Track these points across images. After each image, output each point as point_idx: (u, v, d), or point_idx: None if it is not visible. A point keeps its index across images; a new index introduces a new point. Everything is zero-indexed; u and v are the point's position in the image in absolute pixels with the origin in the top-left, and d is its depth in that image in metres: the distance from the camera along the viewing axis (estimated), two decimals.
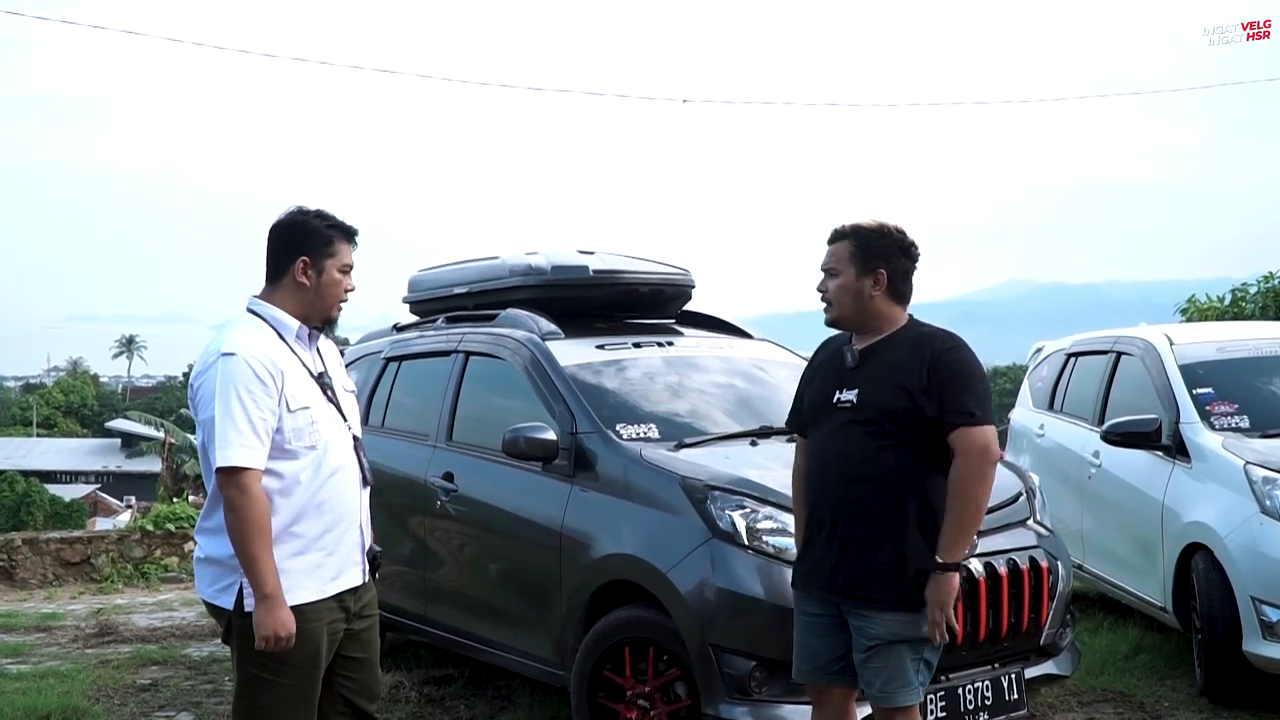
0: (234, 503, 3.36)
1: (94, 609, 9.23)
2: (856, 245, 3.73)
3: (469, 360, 6.22)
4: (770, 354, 6.43)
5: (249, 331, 3.53)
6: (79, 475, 63.15)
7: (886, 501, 3.60)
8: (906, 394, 3.59)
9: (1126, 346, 7.30)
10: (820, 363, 3.94)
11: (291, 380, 3.50)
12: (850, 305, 3.74)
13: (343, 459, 3.61)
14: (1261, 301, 12.44)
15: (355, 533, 3.66)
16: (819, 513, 3.76)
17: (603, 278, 6.32)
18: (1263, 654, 5.40)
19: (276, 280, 3.63)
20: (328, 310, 3.65)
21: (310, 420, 3.52)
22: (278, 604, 3.36)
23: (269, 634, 3.36)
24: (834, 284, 3.75)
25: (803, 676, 3.89)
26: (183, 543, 11.33)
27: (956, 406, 3.55)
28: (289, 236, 3.62)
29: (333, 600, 3.57)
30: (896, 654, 3.61)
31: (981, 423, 3.56)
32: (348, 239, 3.66)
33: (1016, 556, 4.73)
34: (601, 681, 4.83)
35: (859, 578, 3.62)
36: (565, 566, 5.16)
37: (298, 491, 3.49)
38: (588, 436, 5.24)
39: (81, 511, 44.04)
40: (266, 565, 3.36)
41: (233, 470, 3.35)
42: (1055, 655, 5.00)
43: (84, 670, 6.91)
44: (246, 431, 3.37)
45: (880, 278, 3.71)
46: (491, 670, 6.18)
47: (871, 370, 3.69)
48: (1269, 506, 5.48)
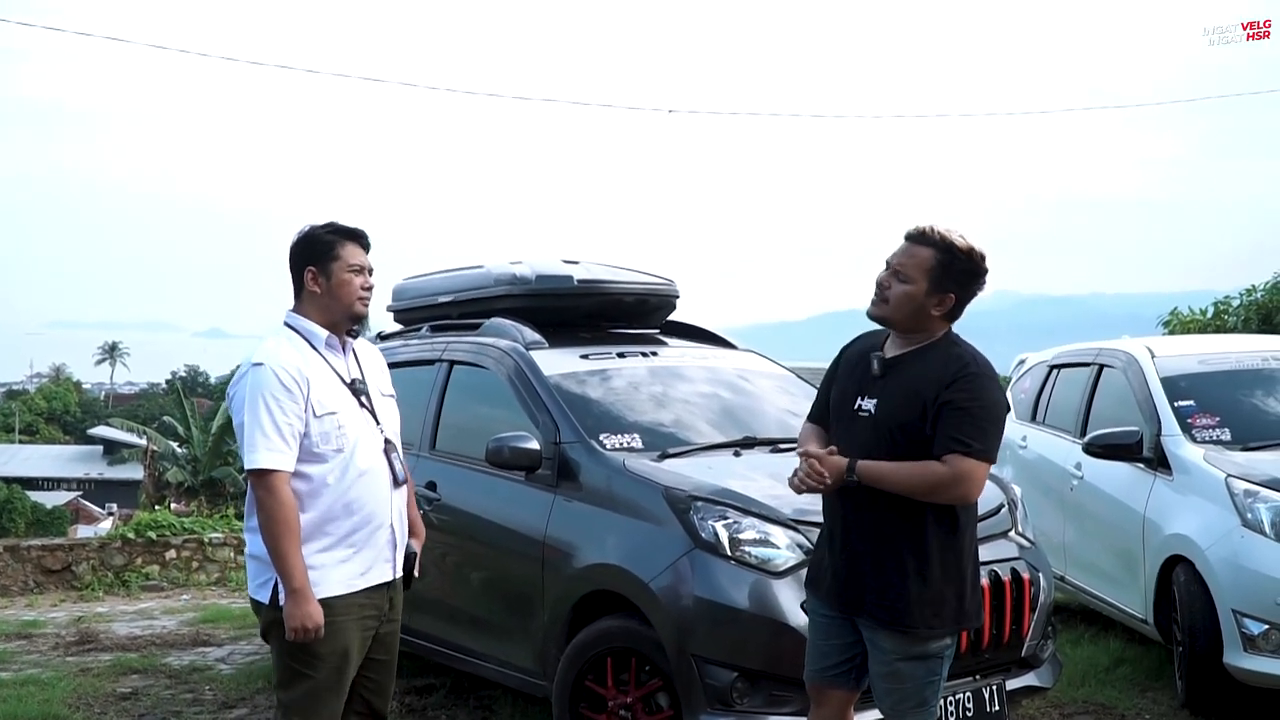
0: (263, 503, 3.59)
1: (75, 617, 9.17)
2: (939, 260, 3.49)
3: (453, 369, 6.21)
4: (754, 364, 6.44)
5: (280, 343, 3.75)
6: (61, 482, 62.85)
7: (895, 520, 3.49)
8: (919, 411, 3.45)
9: (1109, 359, 7.32)
10: (847, 361, 3.77)
11: (319, 387, 3.69)
12: (907, 314, 3.53)
13: (372, 461, 3.79)
14: (1244, 314, 12.48)
15: (386, 531, 3.83)
16: (830, 521, 3.70)
17: (587, 287, 6.33)
18: (1244, 666, 5.41)
19: (298, 294, 3.84)
20: (348, 309, 3.81)
21: (338, 425, 3.71)
22: (305, 597, 3.56)
23: (297, 625, 3.55)
24: (900, 288, 3.51)
25: (808, 675, 3.82)
26: (164, 551, 11.29)
27: (953, 433, 3.40)
28: (297, 252, 3.82)
29: (364, 598, 3.76)
30: (909, 673, 3.55)
31: (976, 455, 3.39)
32: (352, 240, 3.82)
33: (998, 568, 4.74)
34: (583, 692, 4.82)
35: (863, 593, 3.55)
36: (548, 576, 5.16)
37: (326, 492, 3.68)
38: (571, 446, 5.24)
39: (63, 519, 43.81)
40: (294, 561, 3.56)
41: (260, 472, 3.58)
42: (1037, 667, 5.00)
43: (64, 678, 6.88)
44: (273, 436, 3.59)
45: (948, 300, 3.51)
46: (473, 680, 6.17)
47: (894, 381, 3.54)
48: (1250, 519, 5.50)
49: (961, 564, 3.56)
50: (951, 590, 3.53)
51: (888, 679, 3.58)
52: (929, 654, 3.55)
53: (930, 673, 3.58)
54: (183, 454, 40.26)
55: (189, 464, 39.62)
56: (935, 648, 3.56)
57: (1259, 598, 5.38)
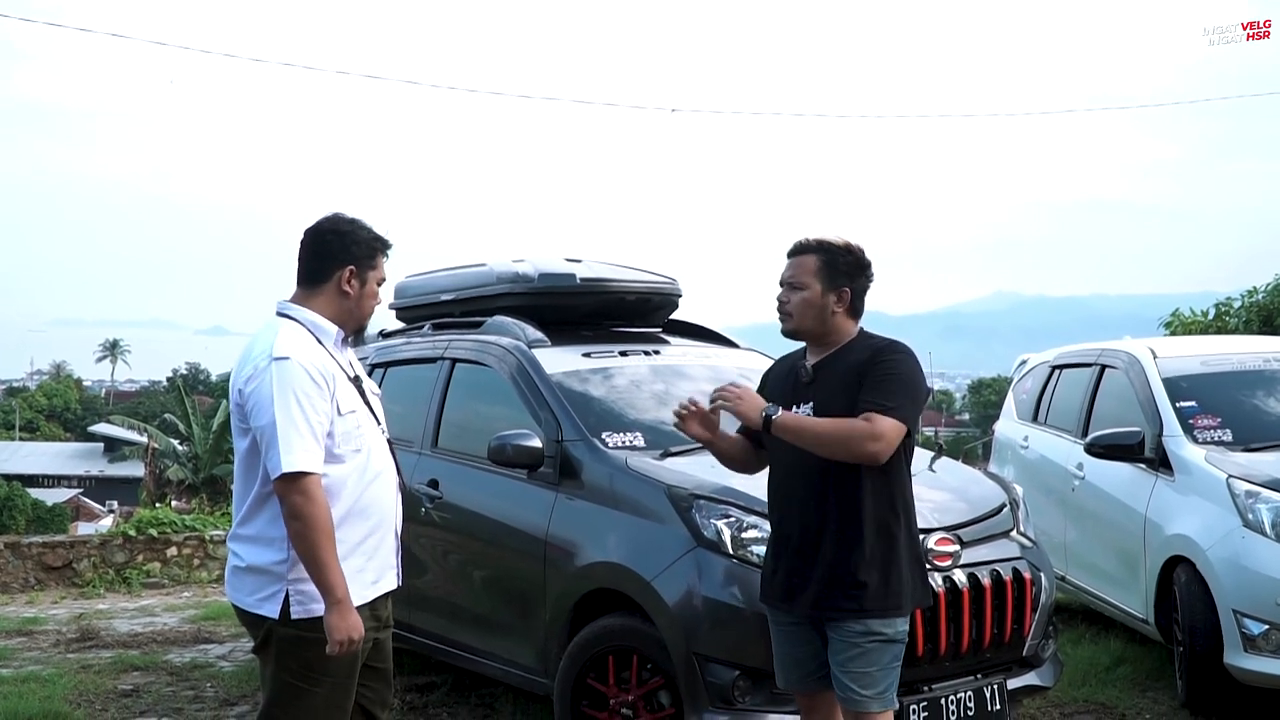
0: (300, 509, 3.30)
1: (75, 614, 9.19)
2: (823, 261, 3.77)
3: (455, 367, 6.22)
4: (756, 363, 6.44)
5: (296, 335, 3.50)
6: (61, 479, 62.82)
7: (847, 513, 3.65)
8: (855, 399, 3.64)
9: (1111, 359, 7.33)
10: (775, 379, 4.01)
11: (340, 384, 3.50)
12: (813, 319, 3.78)
13: (383, 463, 3.64)
14: (1245, 316, 12.48)
15: (392, 537, 3.68)
16: (784, 527, 3.82)
17: (590, 286, 6.33)
18: (1244, 667, 5.42)
19: (316, 285, 3.61)
20: (363, 320, 3.68)
21: (357, 424, 3.53)
22: (349, 608, 3.34)
23: (343, 638, 3.31)
24: (798, 297, 3.78)
25: (790, 685, 3.93)
26: (164, 548, 11.30)
27: (871, 395, 3.59)
28: (337, 244, 3.59)
29: (367, 608, 3.55)
30: (876, 657, 3.64)
31: (891, 415, 3.56)
32: (386, 252, 3.67)
33: (1000, 568, 4.75)
34: (585, 690, 4.83)
35: (827, 589, 3.66)
36: (549, 574, 5.16)
37: (343, 496, 3.47)
38: (573, 444, 5.24)
39: (64, 516, 43.79)
40: (336, 570, 3.33)
41: (297, 475, 3.30)
42: (1038, 666, 5.01)
43: (65, 675, 6.88)
44: (307, 435, 3.34)
45: (844, 295, 3.76)
46: (475, 678, 6.17)
47: (825, 383, 3.76)
48: (1251, 520, 5.51)
49: (911, 545, 3.75)
50: (905, 572, 3.70)
51: (855, 663, 3.65)
52: (894, 638, 3.67)
53: (894, 657, 3.70)
54: (184, 451, 40.29)
55: (190, 461, 39.65)
56: (900, 630, 3.69)
57: (1260, 598, 5.38)
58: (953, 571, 4.59)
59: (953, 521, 4.77)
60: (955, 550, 4.64)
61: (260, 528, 3.47)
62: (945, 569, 4.58)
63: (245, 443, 3.50)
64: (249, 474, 3.48)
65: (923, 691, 4.50)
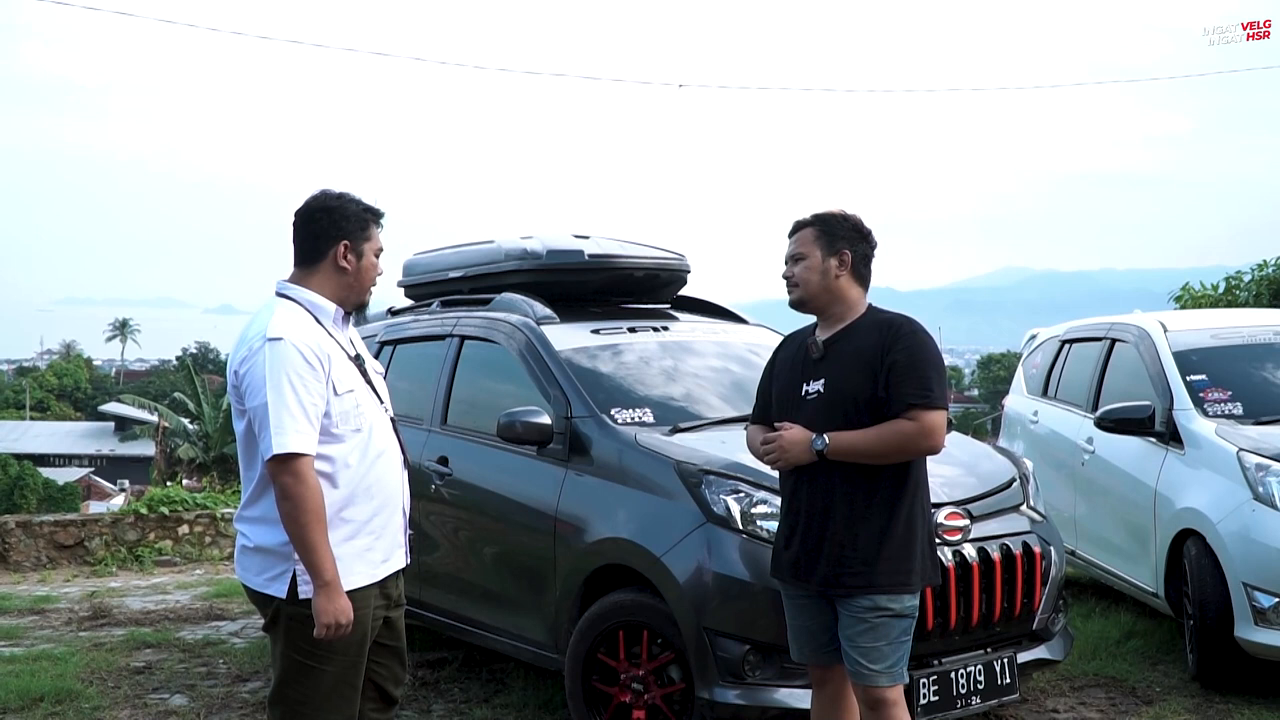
0: (290, 490, 3.31)
1: (88, 592, 9.23)
2: (821, 229, 3.86)
3: (464, 344, 6.22)
4: (765, 339, 6.44)
5: (292, 316, 3.48)
6: (72, 459, 63.07)
7: (859, 488, 3.69)
8: (870, 379, 3.69)
9: (1121, 333, 7.31)
10: (784, 358, 4.03)
11: (337, 364, 3.48)
12: (817, 285, 3.83)
13: (386, 441, 3.62)
14: (1255, 289, 12.44)
15: (399, 515, 3.67)
16: (795, 504, 3.84)
17: (598, 262, 6.32)
18: (1254, 640, 5.42)
19: (312, 264, 3.60)
20: (363, 293, 3.67)
21: (355, 404, 3.51)
22: (337, 591, 3.34)
23: (330, 621, 3.32)
24: (801, 266, 3.86)
25: (802, 657, 3.96)
26: (176, 526, 11.34)
27: (914, 387, 3.64)
28: (327, 220, 3.57)
29: (376, 586, 3.56)
30: (884, 631, 3.67)
31: (935, 406, 3.66)
32: (378, 221, 3.66)
33: (1010, 542, 4.76)
34: (596, 665, 4.85)
35: (837, 566, 3.70)
36: (560, 550, 5.17)
37: (346, 475, 3.47)
38: (583, 421, 5.24)
39: (75, 495, 43.98)
40: (325, 552, 3.32)
41: (288, 457, 3.30)
42: (1047, 640, 5.02)
43: (77, 653, 6.92)
44: (300, 417, 3.33)
45: (845, 257, 3.82)
46: (486, 654, 6.20)
47: (836, 359, 3.79)
48: (1261, 493, 5.50)
49: (922, 522, 3.78)
50: (915, 549, 3.73)
51: (863, 638, 3.68)
52: (902, 613, 3.70)
53: (904, 632, 3.73)
54: (194, 430, 40.41)
55: (200, 440, 39.77)
56: (909, 605, 3.72)
57: (1270, 571, 5.38)
58: (962, 546, 4.60)
59: (962, 496, 4.77)
60: (965, 525, 4.64)
61: (265, 509, 3.46)
62: (955, 543, 4.59)
63: (243, 424, 3.49)
64: (250, 455, 3.47)
65: (933, 665, 4.51)
